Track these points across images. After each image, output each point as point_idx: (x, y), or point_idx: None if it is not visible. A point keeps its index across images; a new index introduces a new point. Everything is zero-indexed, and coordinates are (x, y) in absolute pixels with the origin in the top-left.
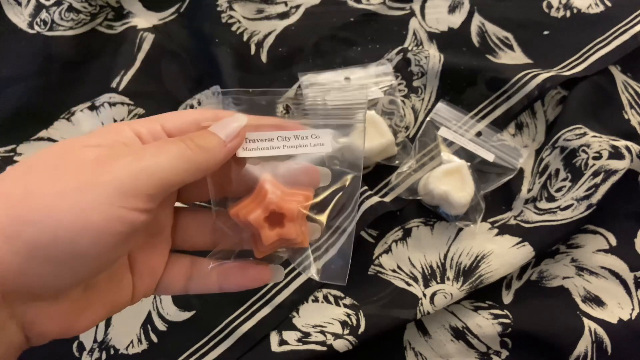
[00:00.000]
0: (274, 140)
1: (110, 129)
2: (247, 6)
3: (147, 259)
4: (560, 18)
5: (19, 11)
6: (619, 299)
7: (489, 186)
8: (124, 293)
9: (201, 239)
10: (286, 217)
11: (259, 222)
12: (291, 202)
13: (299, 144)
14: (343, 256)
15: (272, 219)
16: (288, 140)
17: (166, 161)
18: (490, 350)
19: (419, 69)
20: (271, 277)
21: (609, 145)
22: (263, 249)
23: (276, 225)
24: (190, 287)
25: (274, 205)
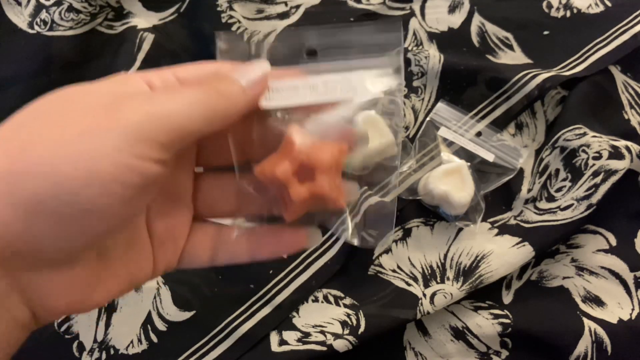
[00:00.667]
0: (299, 88)
1: (119, 77)
2: (247, 6)
3: (168, 227)
4: (560, 18)
5: (19, 11)
6: (619, 299)
7: (489, 186)
8: (144, 264)
9: (226, 206)
10: (317, 169)
11: (287, 176)
12: (324, 153)
13: (327, 90)
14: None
15: (302, 173)
16: (316, 88)
17: (181, 106)
18: (490, 350)
19: (419, 69)
20: (308, 241)
21: (609, 145)
22: (293, 209)
23: (306, 180)
24: (218, 258)
25: (303, 155)
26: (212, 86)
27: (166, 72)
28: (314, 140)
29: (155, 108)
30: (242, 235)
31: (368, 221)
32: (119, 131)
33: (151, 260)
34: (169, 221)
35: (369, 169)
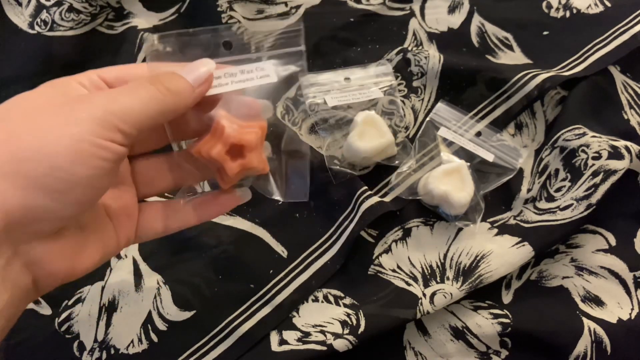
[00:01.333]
0: (221, 77)
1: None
2: (247, 6)
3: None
4: (559, 18)
5: (20, 11)
6: (619, 298)
7: (488, 186)
8: (111, 236)
9: (163, 182)
10: (246, 147)
11: (222, 156)
12: (249, 134)
13: (245, 77)
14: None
15: (233, 151)
16: (235, 75)
17: (136, 103)
18: (489, 350)
19: (419, 69)
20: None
21: (608, 145)
22: (228, 180)
23: (238, 157)
24: (170, 226)
25: (232, 139)
26: (164, 85)
27: (91, 74)
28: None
29: (114, 105)
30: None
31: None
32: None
33: (115, 234)
34: (118, 201)
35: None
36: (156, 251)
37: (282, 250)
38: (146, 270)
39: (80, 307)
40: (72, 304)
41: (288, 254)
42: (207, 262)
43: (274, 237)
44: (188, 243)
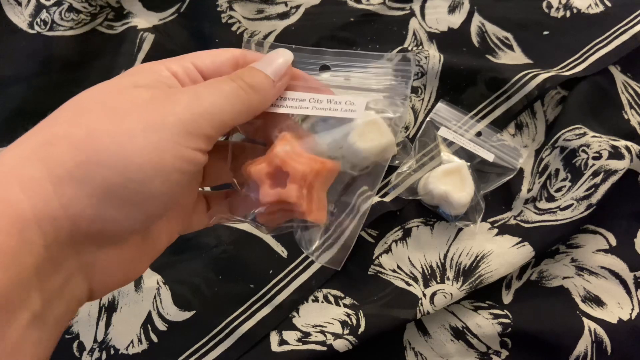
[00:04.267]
0: (305, 101)
1: (146, 68)
2: (247, 6)
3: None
4: (560, 18)
5: (19, 11)
6: (619, 298)
7: (488, 186)
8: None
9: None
10: (291, 176)
11: (260, 176)
12: (300, 163)
13: (330, 107)
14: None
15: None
16: (320, 102)
17: (223, 103)
18: (490, 350)
19: (419, 69)
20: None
21: (608, 145)
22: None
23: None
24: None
25: (278, 160)
26: (246, 82)
27: (186, 61)
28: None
29: (201, 106)
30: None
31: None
32: (178, 127)
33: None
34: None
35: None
36: None
37: (282, 250)
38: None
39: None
40: None
41: (288, 254)
42: (207, 262)
43: (273, 237)
44: (188, 243)
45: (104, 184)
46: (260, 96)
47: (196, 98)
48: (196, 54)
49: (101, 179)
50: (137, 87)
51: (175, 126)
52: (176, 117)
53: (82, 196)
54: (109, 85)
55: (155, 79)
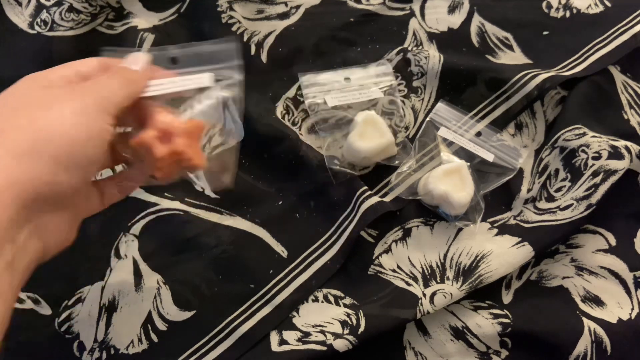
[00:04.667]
0: (164, 84)
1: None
2: (247, 6)
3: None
4: (559, 18)
5: (20, 11)
6: (619, 298)
7: (488, 186)
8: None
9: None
10: (174, 134)
11: (150, 139)
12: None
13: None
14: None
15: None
16: (175, 82)
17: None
18: (490, 350)
19: (419, 69)
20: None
21: (608, 145)
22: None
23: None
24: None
25: (161, 124)
26: (125, 77)
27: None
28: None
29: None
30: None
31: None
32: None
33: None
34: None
35: (369, 169)
36: (156, 251)
37: (282, 250)
38: (146, 271)
39: (80, 307)
40: (72, 304)
41: (288, 254)
42: (207, 262)
43: (274, 237)
44: (188, 243)
45: (54, 154)
46: (137, 85)
47: (101, 88)
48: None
49: (51, 150)
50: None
51: (94, 108)
52: (92, 101)
53: (39, 166)
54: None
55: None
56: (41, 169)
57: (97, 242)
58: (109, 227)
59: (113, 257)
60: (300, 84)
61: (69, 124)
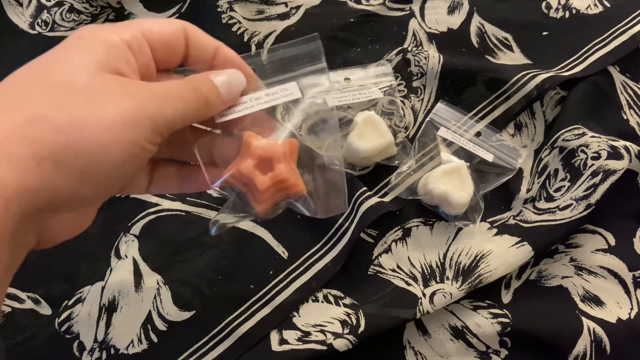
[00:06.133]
0: (247, 102)
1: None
2: (247, 7)
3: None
4: (559, 19)
5: (20, 12)
6: (618, 298)
7: (488, 186)
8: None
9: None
10: (274, 159)
11: (250, 170)
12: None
13: (271, 99)
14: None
15: (263, 165)
16: (260, 98)
17: (184, 113)
18: (489, 350)
19: (419, 70)
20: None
21: (607, 145)
22: (262, 199)
23: (267, 171)
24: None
25: (260, 150)
26: (204, 95)
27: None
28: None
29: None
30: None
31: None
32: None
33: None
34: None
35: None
36: (156, 251)
37: (282, 251)
38: (146, 271)
39: (80, 307)
40: (72, 304)
41: (289, 254)
42: (207, 262)
43: (275, 237)
44: (188, 243)
45: (81, 168)
46: (210, 110)
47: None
48: (145, 23)
49: (79, 164)
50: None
51: (146, 126)
52: (147, 117)
53: (61, 176)
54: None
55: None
56: (63, 180)
57: (97, 242)
58: (109, 227)
59: (113, 257)
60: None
61: (110, 137)
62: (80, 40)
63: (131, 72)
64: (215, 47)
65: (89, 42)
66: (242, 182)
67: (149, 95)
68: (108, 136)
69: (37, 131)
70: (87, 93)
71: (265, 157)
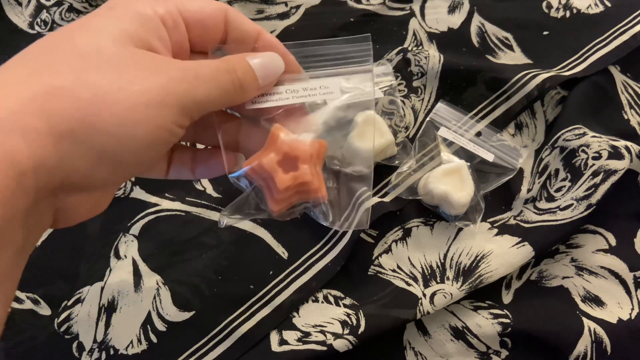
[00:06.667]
0: (282, 93)
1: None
2: (247, 6)
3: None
4: (560, 18)
5: (20, 11)
6: (619, 298)
7: (488, 186)
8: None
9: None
10: (300, 158)
11: (272, 166)
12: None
13: (308, 94)
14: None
15: (286, 163)
16: (297, 92)
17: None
18: (489, 350)
19: (419, 69)
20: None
21: (608, 145)
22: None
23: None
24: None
25: (286, 146)
26: (239, 78)
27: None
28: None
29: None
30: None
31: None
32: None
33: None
34: None
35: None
36: (156, 251)
37: (282, 252)
38: (146, 271)
39: (79, 307)
40: (71, 304)
41: (289, 255)
42: (207, 262)
43: (274, 237)
44: (188, 243)
45: (101, 148)
46: (244, 95)
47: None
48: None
49: (100, 143)
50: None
51: (174, 107)
52: (176, 98)
53: (79, 155)
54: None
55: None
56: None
57: (96, 242)
58: (109, 227)
59: (112, 257)
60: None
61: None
62: (112, 10)
63: (163, 48)
64: (257, 31)
65: (120, 12)
66: (261, 176)
67: (179, 73)
68: (132, 116)
69: (56, 104)
70: (113, 66)
71: (290, 154)
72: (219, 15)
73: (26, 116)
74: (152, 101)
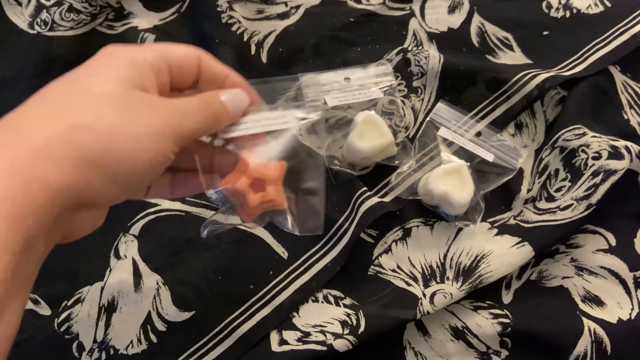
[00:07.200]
0: (248, 122)
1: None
2: (247, 6)
3: None
4: (559, 18)
5: (20, 11)
6: (619, 298)
7: (488, 186)
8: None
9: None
10: (267, 182)
11: (245, 188)
12: (270, 170)
13: (269, 123)
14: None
15: (255, 185)
16: (259, 121)
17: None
18: (489, 350)
19: (419, 69)
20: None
21: (608, 145)
22: (250, 212)
23: (259, 190)
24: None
25: (255, 173)
26: (214, 112)
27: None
28: (261, 162)
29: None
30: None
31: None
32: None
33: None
34: None
35: (369, 169)
36: (156, 252)
37: (282, 252)
38: (146, 271)
39: (79, 307)
40: (71, 304)
41: (289, 255)
42: (207, 263)
43: (274, 237)
44: (188, 243)
45: (114, 172)
46: (219, 125)
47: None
48: (165, 47)
49: (114, 168)
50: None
51: (170, 137)
52: (170, 130)
53: (97, 178)
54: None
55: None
56: (98, 181)
57: (96, 242)
58: (109, 227)
59: (112, 257)
60: (300, 84)
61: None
62: (111, 57)
63: (152, 89)
64: (225, 73)
65: (118, 60)
66: (235, 195)
67: (170, 110)
68: (138, 145)
69: (81, 137)
70: (120, 105)
71: (259, 178)
72: (194, 59)
73: (57, 148)
74: (153, 133)
